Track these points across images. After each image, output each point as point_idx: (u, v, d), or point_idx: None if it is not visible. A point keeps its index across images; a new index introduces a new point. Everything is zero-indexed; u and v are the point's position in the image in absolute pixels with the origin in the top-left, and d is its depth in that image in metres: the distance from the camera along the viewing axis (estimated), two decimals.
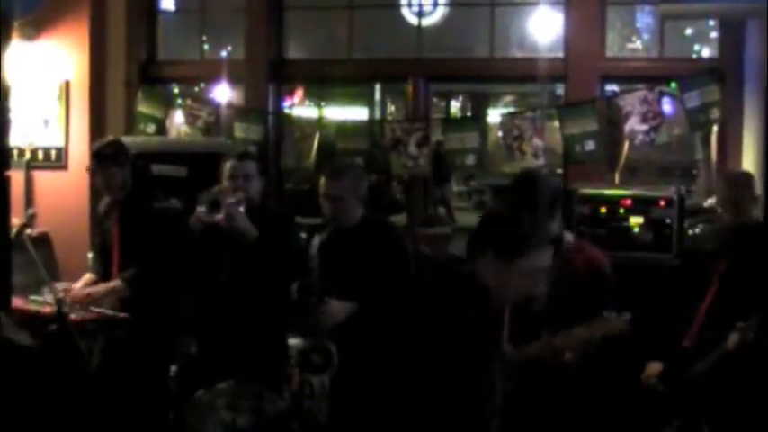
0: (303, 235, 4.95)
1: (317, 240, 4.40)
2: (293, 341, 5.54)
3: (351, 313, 4.42)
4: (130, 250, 5.26)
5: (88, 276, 5.60)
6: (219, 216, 4.73)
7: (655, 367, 4.68)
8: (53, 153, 7.26)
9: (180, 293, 5.15)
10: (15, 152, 7.12)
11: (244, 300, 4.85)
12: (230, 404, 2.15)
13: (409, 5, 7.73)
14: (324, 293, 4.42)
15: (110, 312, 5.27)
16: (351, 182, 4.57)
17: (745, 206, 4.83)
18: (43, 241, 6.85)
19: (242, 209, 4.78)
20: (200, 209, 4.73)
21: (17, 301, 4.76)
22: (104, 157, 5.36)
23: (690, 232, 5.97)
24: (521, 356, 3.96)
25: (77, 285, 5.50)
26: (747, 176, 5.11)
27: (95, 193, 7.03)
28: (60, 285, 5.33)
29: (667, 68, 6.75)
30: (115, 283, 5.31)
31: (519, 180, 4.29)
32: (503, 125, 6.76)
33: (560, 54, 7.03)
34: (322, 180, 4.60)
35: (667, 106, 6.58)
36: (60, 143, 7.27)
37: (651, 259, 5.72)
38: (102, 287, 5.36)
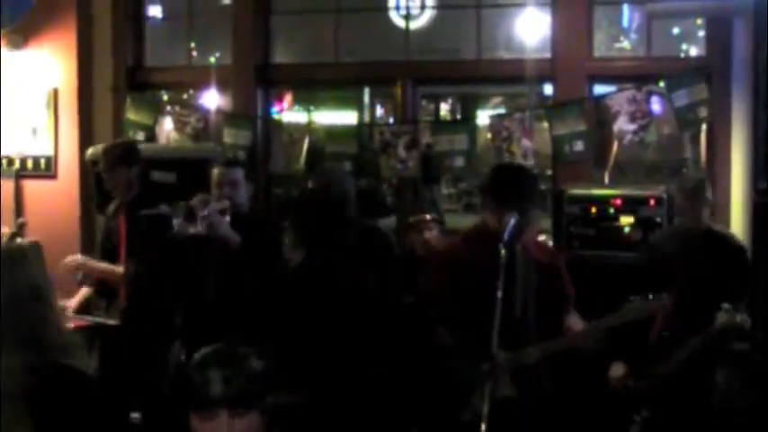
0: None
1: None
2: None
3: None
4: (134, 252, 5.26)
5: (84, 290, 5.58)
6: (196, 227, 4.63)
7: (618, 369, 4.73)
8: (42, 162, 7.25)
9: (173, 301, 5.13)
10: (4, 161, 7.11)
11: (229, 309, 4.79)
12: None
13: (397, 8, 7.72)
14: None
15: (101, 319, 5.27)
16: None
17: (696, 212, 5.00)
18: None
19: (227, 217, 4.72)
20: (176, 220, 4.65)
21: None
22: (111, 158, 5.42)
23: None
24: (519, 360, 3.95)
25: (73, 302, 5.49)
26: (699, 182, 5.22)
27: (85, 202, 7.04)
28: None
29: (655, 67, 6.75)
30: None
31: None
32: (491, 127, 6.76)
33: (548, 55, 7.02)
34: (309, 184, 4.60)
35: (656, 105, 6.59)
36: (49, 151, 7.25)
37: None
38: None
